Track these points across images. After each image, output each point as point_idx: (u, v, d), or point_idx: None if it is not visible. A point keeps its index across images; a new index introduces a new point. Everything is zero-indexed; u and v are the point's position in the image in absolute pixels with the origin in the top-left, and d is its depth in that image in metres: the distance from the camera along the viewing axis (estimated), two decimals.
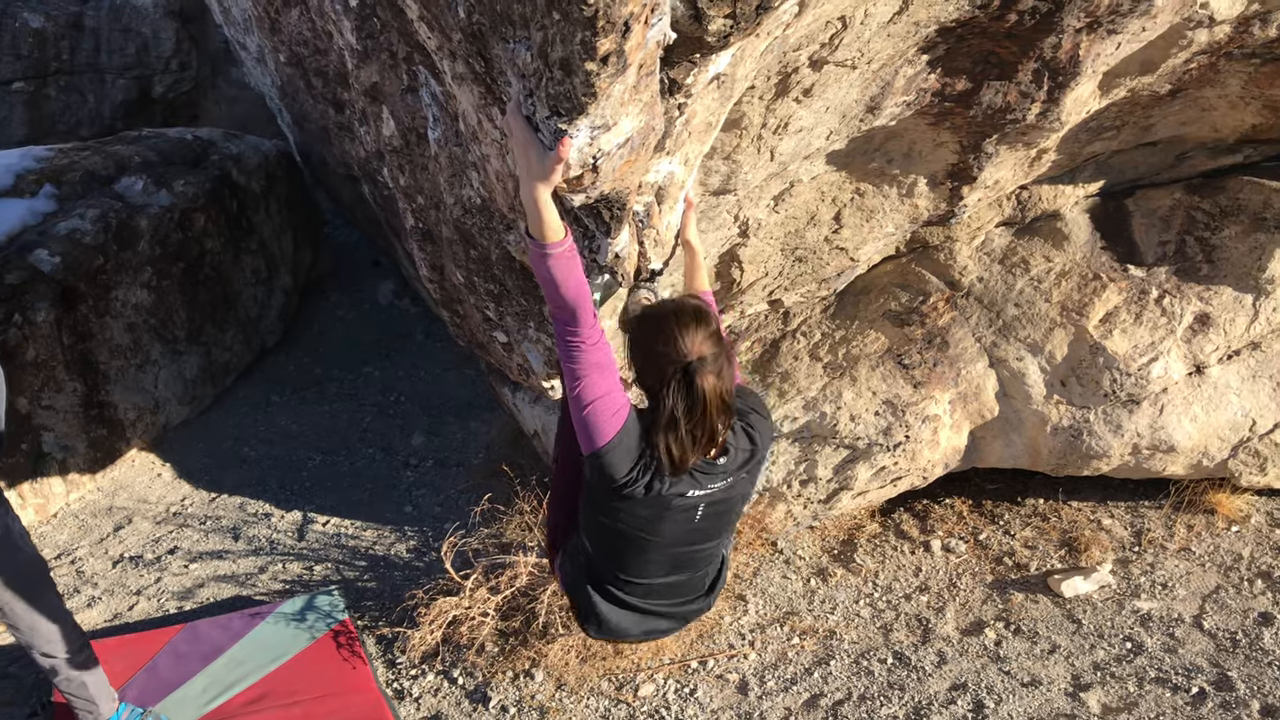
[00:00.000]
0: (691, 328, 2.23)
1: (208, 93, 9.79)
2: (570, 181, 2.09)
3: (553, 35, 1.72)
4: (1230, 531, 4.69)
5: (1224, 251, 4.47)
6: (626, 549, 2.50)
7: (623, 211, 2.38)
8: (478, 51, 2.01)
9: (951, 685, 4.04)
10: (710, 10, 1.88)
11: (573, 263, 2.13)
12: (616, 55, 1.73)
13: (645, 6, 1.69)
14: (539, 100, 1.88)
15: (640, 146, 2.10)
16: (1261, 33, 3.60)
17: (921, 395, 4.51)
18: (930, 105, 3.62)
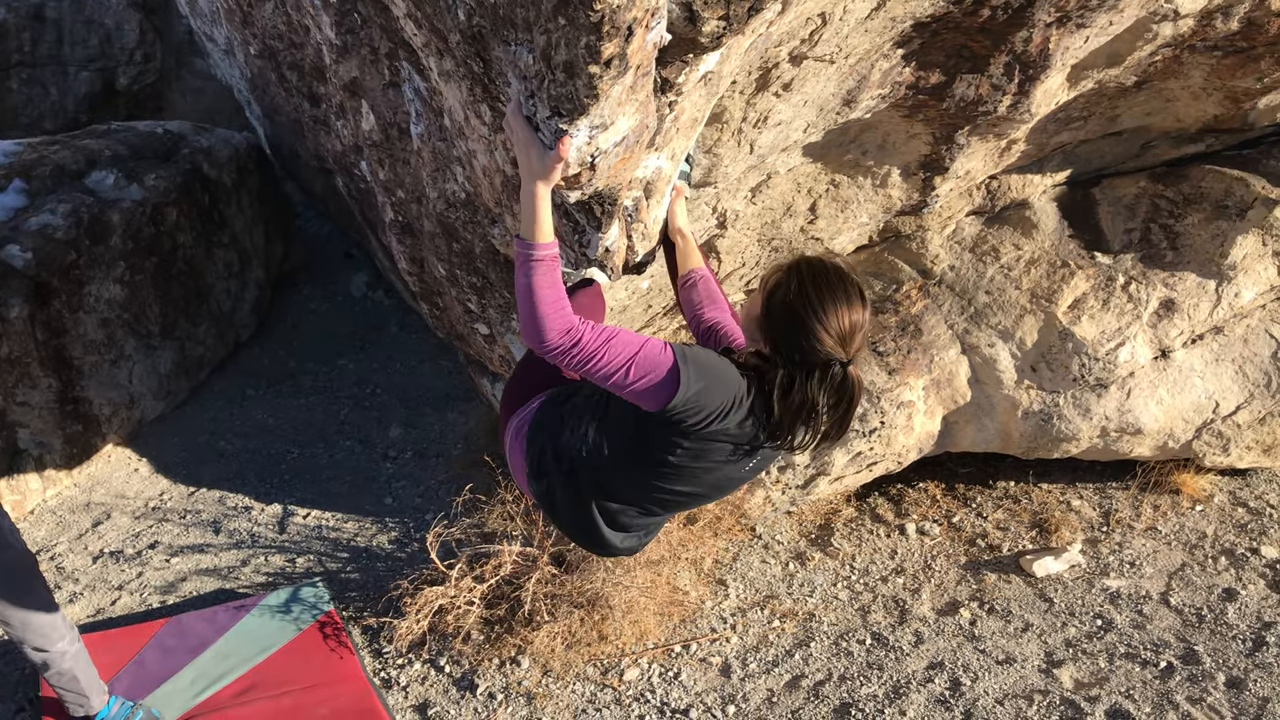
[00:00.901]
0: (857, 309, 2.09)
1: (172, 84, 9.69)
2: (569, 179, 2.15)
3: (557, 39, 1.77)
4: (1195, 511, 4.83)
5: (1188, 238, 4.59)
6: (655, 479, 2.31)
7: (614, 207, 2.44)
8: (476, 53, 2.05)
9: (929, 664, 4.15)
10: (705, 13, 1.94)
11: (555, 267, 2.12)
12: (619, 59, 1.78)
13: (647, 12, 1.75)
14: (540, 101, 1.93)
15: (635, 144, 2.15)
16: (1224, 26, 3.70)
17: (896, 382, 4.60)
18: (905, 98, 3.70)
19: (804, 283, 2.10)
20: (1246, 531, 4.69)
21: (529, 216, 2.09)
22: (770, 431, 2.17)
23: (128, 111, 9.14)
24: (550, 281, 2.10)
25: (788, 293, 2.11)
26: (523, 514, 4.59)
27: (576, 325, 2.08)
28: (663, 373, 2.06)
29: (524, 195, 2.10)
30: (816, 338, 2.06)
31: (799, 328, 2.08)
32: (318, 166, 6.54)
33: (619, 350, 2.08)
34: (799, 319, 2.08)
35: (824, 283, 2.09)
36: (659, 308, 4.47)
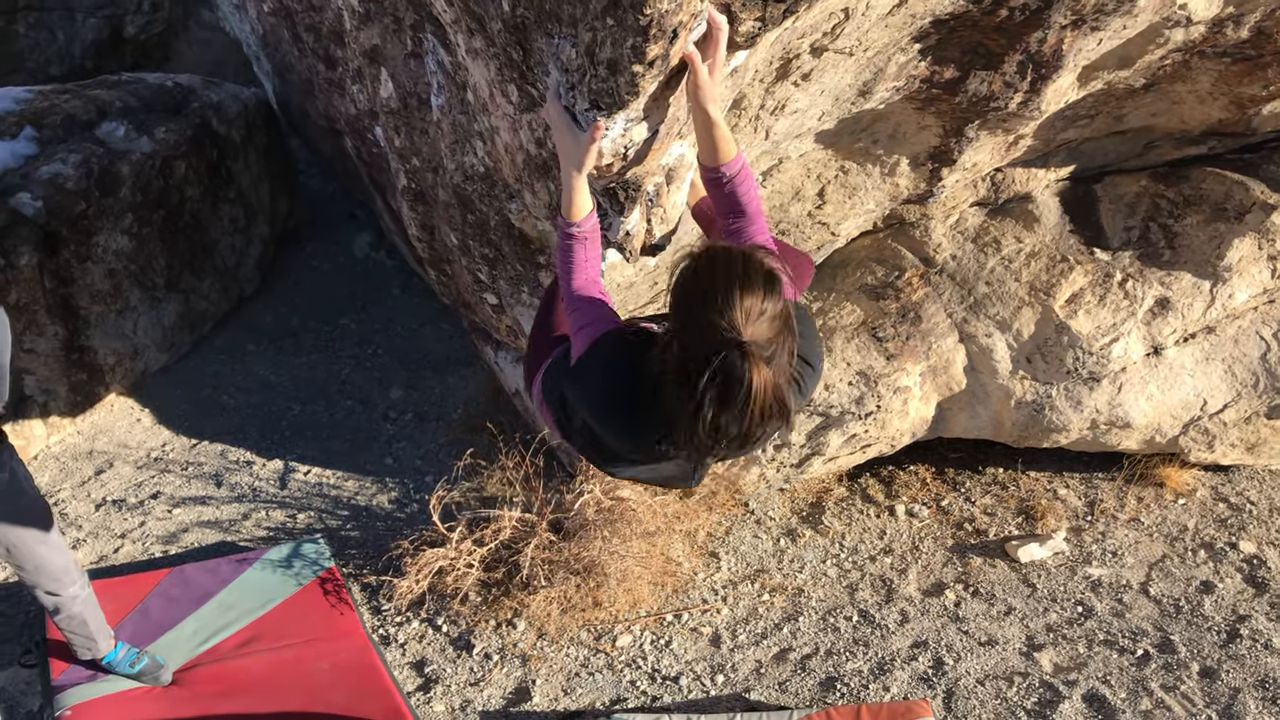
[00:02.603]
0: (758, 298, 1.80)
1: (179, 34, 9.67)
2: (603, 169, 2.22)
3: (602, 37, 1.84)
4: (1177, 504, 4.95)
5: (1185, 239, 4.68)
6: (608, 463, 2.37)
7: (637, 193, 2.51)
8: (517, 42, 2.12)
9: (913, 643, 4.27)
10: (743, 14, 2.01)
11: (588, 241, 2.27)
12: (662, 59, 1.85)
13: (692, 15, 1.82)
14: (580, 94, 2.00)
15: (666, 135, 2.23)
16: (1234, 34, 3.77)
17: (894, 367, 4.70)
18: (918, 91, 3.76)
19: (698, 262, 1.92)
20: (1226, 526, 4.82)
21: (567, 198, 2.20)
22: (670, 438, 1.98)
23: (134, 60, 9.12)
24: (583, 256, 2.28)
25: (685, 275, 1.93)
26: (522, 480, 4.68)
27: (581, 288, 2.25)
28: (574, 353, 2.17)
29: (563, 179, 2.19)
30: (709, 312, 1.81)
31: (688, 307, 1.89)
32: (327, 127, 6.57)
33: (579, 319, 2.21)
34: (688, 295, 1.90)
35: (720, 257, 1.90)
36: (664, 285, 4.54)
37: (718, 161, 2.21)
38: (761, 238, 2.26)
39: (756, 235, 2.26)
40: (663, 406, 1.91)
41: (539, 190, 3.10)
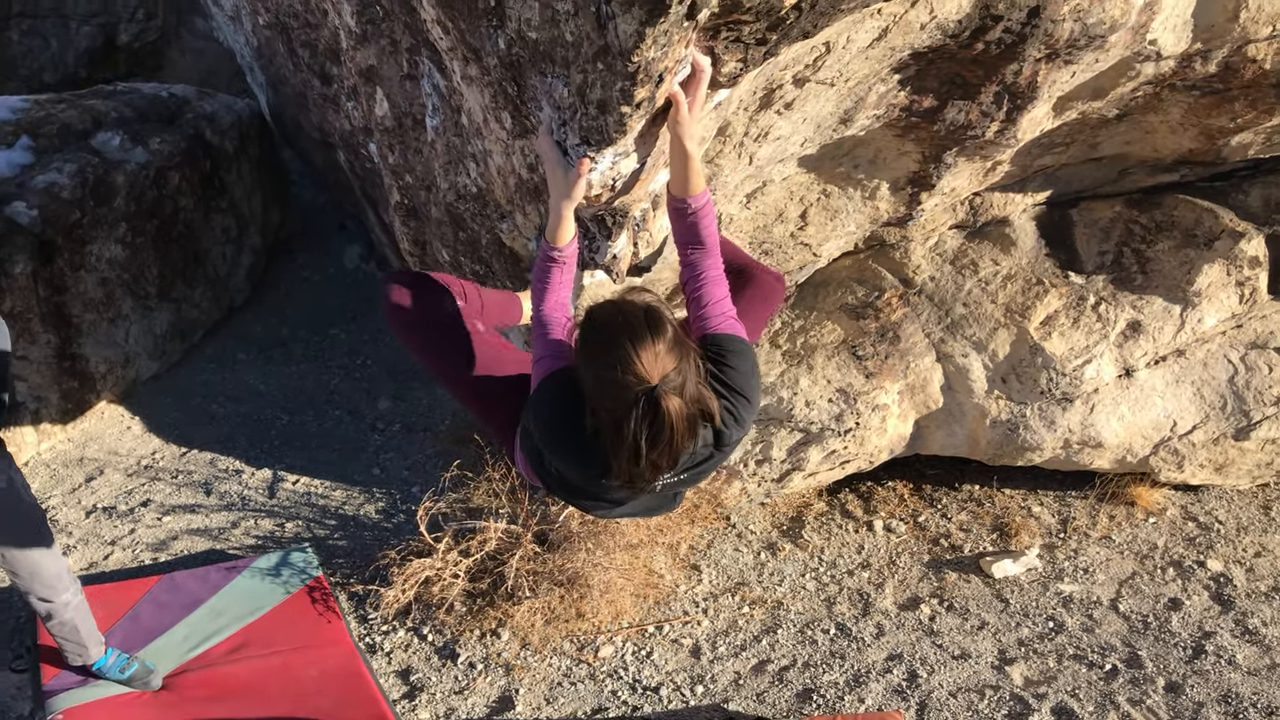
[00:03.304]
0: (648, 343, 2.00)
1: (172, 43, 9.76)
2: (591, 198, 2.33)
3: (593, 80, 1.95)
4: (1148, 522, 5.08)
5: (1157, 264, 4.82)
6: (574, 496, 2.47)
7: (624, 219, 2.62)
8: (512, 78, 2.22)
9: (888, 656, 4.37)
10: (725, 56, 2.12)
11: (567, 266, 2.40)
12: (649, 101, 1.96)
13: (677, 61, 1.92)
14: (571, 130, 2.11)
15: (652, 166, 2.33)
16: (1202, 69, 3.90)
17: (873, 385, 4.81)
18: (898, 119, 3.88)
19: (587, 331, 2.12)
20: (1195, 545, 4.94)
21: (553, 224, 2.32)
22: (611, 476, 2.16)
23: (127, 68, 9.21)
24: (559, 278, 2.41)
25: (581, 344, 2.14)
26: (508, 492, 4.77)
27: (549, 312, 2.37)
28: (534, 382, 2.27)
29: (551, 209, 2.31)
30: (613, 373, 2.02)
31: (594, 373, 2.08)
32: (320, 140, 6.66)
33: (539, 349, 2.32)
34: (590, 361, 2.10)
35: (603, 322, 2.09)
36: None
37: (686, 193, 2.33)
38: (715, 270, 2.39)
39: (711, 268, 2.38)
40: (603, 451, 2.11)
41: (530, 212, 3.20)
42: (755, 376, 2.30)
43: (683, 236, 2.41)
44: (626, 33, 1.79)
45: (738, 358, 2.25)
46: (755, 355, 2.31)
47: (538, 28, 1.99)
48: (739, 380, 2.23)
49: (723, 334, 2.26)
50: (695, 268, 2.37)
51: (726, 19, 1.98)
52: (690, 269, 2.38)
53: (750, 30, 2.05)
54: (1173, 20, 3.64)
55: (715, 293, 2.33)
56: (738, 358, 2.25)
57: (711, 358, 2.21)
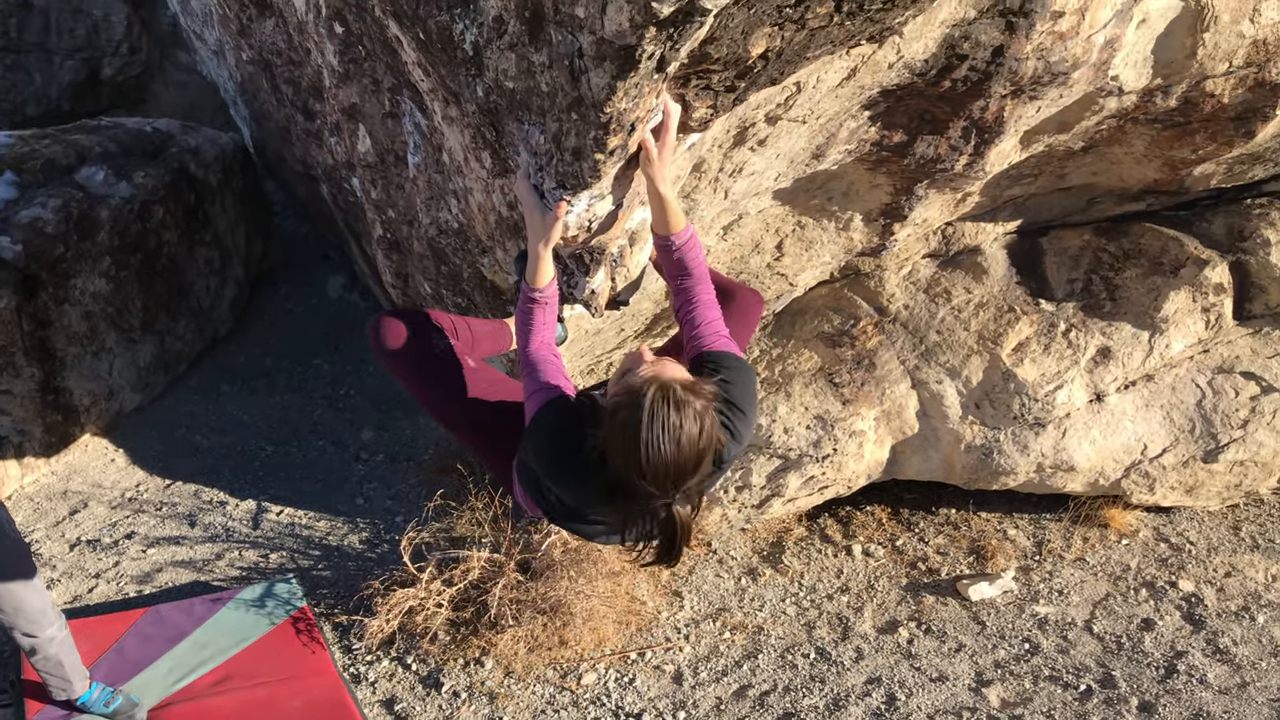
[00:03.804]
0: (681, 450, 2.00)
1: (155, 76, 9.82)
2: (569, 239, 2.41)
3: (568, 128, 2.03)
4: (1121, 544, 5.16)
5: (1125, 291, 4.92)
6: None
7: (602, 256, 2.69)
8: (490, 124, 2.30)
9: (867, 679, 4.44)
10: (696, 103, 2.20)
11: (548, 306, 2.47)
12: (621, 148, 2.04)
13: (648, 111, 2.01)
14: (548, 174, 2.18)
15: (628, 208, 2.41)
16: (1163, 103, 4.02)
17: (849, 412, 4.89)
18: (869, 153, 3.98)
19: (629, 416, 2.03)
20: (1167, 566, 5.03)
21: (532, 267, 2.39)
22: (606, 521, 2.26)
23: (110, 101, 9.27)
24: (542, 319, 2.48)
25: (613, 423, 2.08)
26: (491, 520, 4.83)
27: (536, 351, 2.43)
28: (528, 414, 2.33)
29: (529, 250, 2.38)
30: (636, 475, 2.03)
31: (621, 461, 2.06)
32: (303, 172, 6.73)
33: (530, 384, 2.37)
34: (621, 452, 2.05)
35: (641, 412, 2.01)
36: (630, 331, 4.72)
37: (668, 231, 2.42)
38: (707, 294, 2.47)
39: (703, 293, 2.47)
40: (605, 480, 2.14)
41: (510, 248, 3.27)
42: (752, 391, 2.35)
43: (671, 270, 2.50)
44: (599, 85, 1.87)
45: (735, 373, 2.31)
46: (752, 372, 2.38)
47: (514, 78, 2.07)
48: (736, 394, 2.28)
49: (719, 351, 2.35)
50: (688, 294, 2.45)
51: (696, 68, 2.06)
52: (682, 295, 2.47)
53: (719, 79, 2.14)
54: (1133, 57, 3.75)
55: (708, 314, 2.42)
56: (735, 373, 2.31)
57: (709, 374, 2.27)
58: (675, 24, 1.71)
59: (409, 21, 2.39)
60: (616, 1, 1.68)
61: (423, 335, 2.72)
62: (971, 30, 3.31)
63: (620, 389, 2.11)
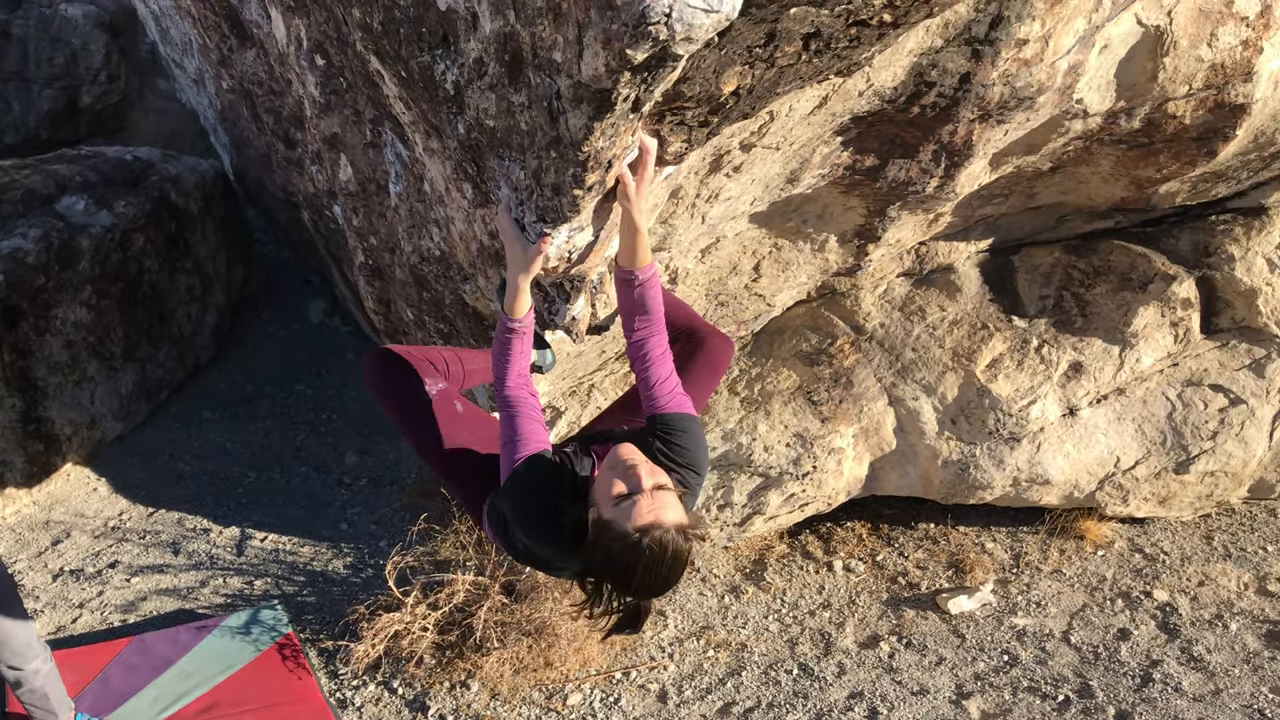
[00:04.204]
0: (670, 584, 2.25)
1: (134, 104, 9.85)
2: (549, 270, 2.47)
3: (547, 165, 2.09)
4: (1096, 555, 5.25)
5: (1096, 307, 5.02)
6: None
7: (582, 283, 2.76)
8: (472, 159, 2.36)
9: (850, 694, 4.49)
10: (671, 138, 2.27)
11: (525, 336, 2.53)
12: (599, 184, 2.10)
13: (624, 148, 2.07)
14: (528, 209, 2.25)
15: (606, 237, 2.48)
16: (1127, 124, 4.12)
17: (828, 429, 4.96)
18: (842, 177, 4.06)
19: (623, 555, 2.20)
20: (1142, 576, 5.12)
21: (511, 297, 2.45)
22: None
23: (89, 129, 9.29)
24: (519, 349, 2.54)
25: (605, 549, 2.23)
26: (475, 544, 4.86)
27: (513, 391, 2.51)
28: (506, 468, 2.41)
29: (509, 281, 2.43)
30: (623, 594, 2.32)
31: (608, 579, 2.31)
32: (284, 199, 6.78)
33: (507, 431, 2.46)
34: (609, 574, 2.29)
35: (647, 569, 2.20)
36: (611, 353, 4.78)
37: (634, 266, 2.48)
38: (660, 347, 2.56)
39: (656, 346, 2.55)
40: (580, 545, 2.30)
41: (492, 275, 3.33)
42: (703, 449, 2.52)
43: (629, 306, 2.56)
44: (576, 126, 1.94)
45: (687, 437, 2.47)
46: (701, 429, 2.55)
47: (495, 117, 2.14)
48: (689, 457, 2.46)
49: (671, 414, 2.48)
50: (641, 347, 2.55)
51: (670, 105, 2.13)
52: (637, 348, 2.56)
53: (693, 114, 2.21)
54: (1097, 81, 3.85)
55: (661, 372, 2.53)
56: (687, 437, 2.47)
57: (661, 437, 2.44)
58: (649, 68, 1.78)
59: (391, 60, 2.45)
60: (593, 48, 1.74)
61: (414, 379, 2.79)
62: (939, 58, 3.40)
63: (615, 517, 2.21)
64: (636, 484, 2.21)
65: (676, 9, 1.64)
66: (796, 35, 2.04)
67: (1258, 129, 4.18)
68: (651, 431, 2.45)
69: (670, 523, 2.17)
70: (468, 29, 2.03)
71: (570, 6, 1.72)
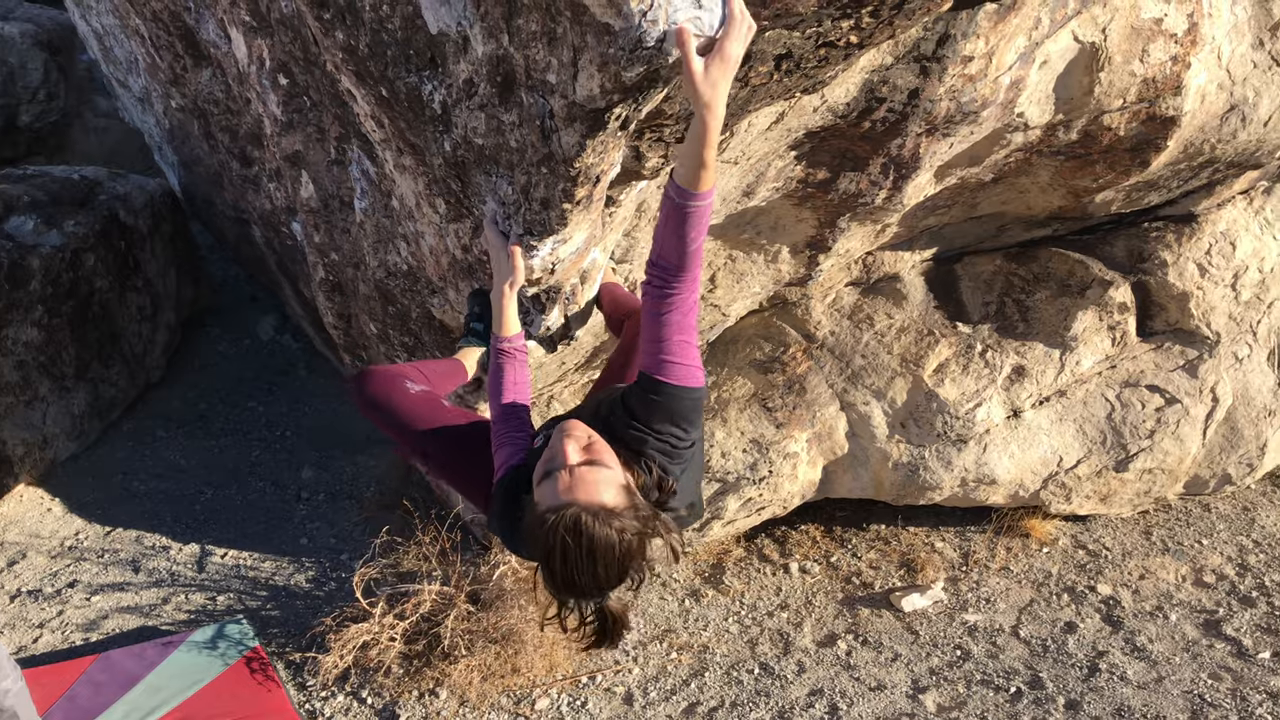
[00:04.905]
0: (598, 576, 2.00)
1: (73, 122, 9.76)
2: (533, 280, 2.57)
3: (537, 180, 2.20)
4: (1042, 552, 5.44)
5: (1036, 312, 5.23)
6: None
7: (557, 295, 2.86)
8: (456, 175, 2.46)
9: (810, 691, 4.62)
10: (649, 153, 2.39)
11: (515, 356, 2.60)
12: (587, 198, 2.21)
13: (612, 164, 2.18)
14: (515, 222, 2.35)
15: (584, 249, 2.58)
16: (1065, 136, 4.32)
17: (783, 435, 5.10)
18: (796, 190, 4.21)
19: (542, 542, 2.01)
20: (1085, 571, 5.32)
21: (498, 314, 2.53)
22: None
23: (29, 148, 9.18)
24: (513, 378, 2.58)
25: (532, 541, 2.06)
26: (438, 554, 4.92)
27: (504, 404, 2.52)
28: (497, 467, 2.40)
29: (494, 295, 2.53)
30: (557, 593, 2.10)
31: (544, 578, 2.08)
32: (234, 217, 6.78)
33: (497, 439, 2.44)
34: (545, 573, 2.07)
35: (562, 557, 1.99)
36: (571, 364, 4.87)
37: (695, 186, 2.01)
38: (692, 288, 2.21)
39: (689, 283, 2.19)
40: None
41: (463, 288, 3.42)
42: (688, 403, 2.23)
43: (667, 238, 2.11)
44: (569, 143, 2.04)
45: (694, 464, 2.35)
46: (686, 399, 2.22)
47: (484, 135, 2.23)
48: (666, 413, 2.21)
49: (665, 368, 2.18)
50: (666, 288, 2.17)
51: (650, 122, 2.25)
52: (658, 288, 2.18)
53: (671, 131, 2.33)
54: (1037, 95, 4.04)
55: (677, 322, 2.19)
56: (694, 464, 2.35)
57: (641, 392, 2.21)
58: (641, 89, 1.89)
59: (374, 81, 2.53)
60: (588, 70, 1.85)
61: (401, 384, 2.81)
62: (889, 75, 3.56)
63: (537, 498, 2.07)
64: (560, 460, 2.04)
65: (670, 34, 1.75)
66: (770, 56, 2.17)
67: (1187, 140, 4.40)
68: (636, 389, 2.20)
69: (585, 501, 1.97)
70: (458, 51, 2.13)
71: (566, 31, 1.83)
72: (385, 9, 2.24)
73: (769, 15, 1.97)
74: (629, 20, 1.73)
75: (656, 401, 2.19)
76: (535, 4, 1.84)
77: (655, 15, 1.73)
